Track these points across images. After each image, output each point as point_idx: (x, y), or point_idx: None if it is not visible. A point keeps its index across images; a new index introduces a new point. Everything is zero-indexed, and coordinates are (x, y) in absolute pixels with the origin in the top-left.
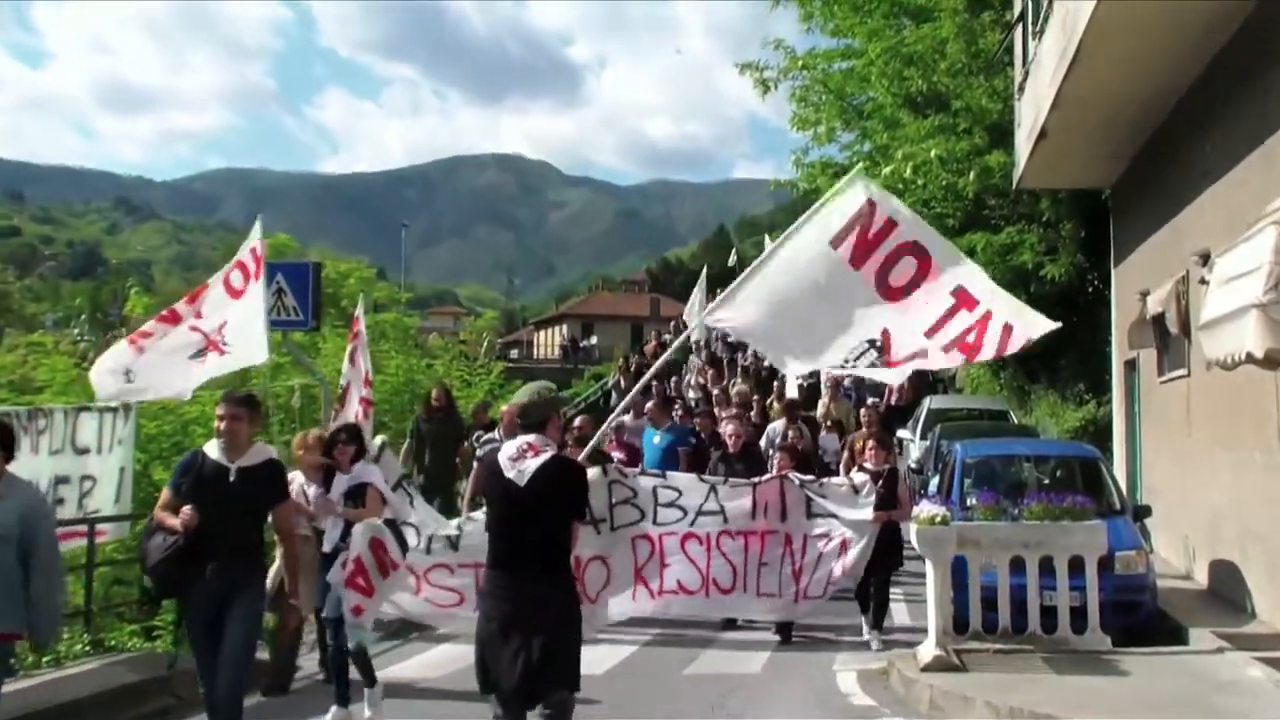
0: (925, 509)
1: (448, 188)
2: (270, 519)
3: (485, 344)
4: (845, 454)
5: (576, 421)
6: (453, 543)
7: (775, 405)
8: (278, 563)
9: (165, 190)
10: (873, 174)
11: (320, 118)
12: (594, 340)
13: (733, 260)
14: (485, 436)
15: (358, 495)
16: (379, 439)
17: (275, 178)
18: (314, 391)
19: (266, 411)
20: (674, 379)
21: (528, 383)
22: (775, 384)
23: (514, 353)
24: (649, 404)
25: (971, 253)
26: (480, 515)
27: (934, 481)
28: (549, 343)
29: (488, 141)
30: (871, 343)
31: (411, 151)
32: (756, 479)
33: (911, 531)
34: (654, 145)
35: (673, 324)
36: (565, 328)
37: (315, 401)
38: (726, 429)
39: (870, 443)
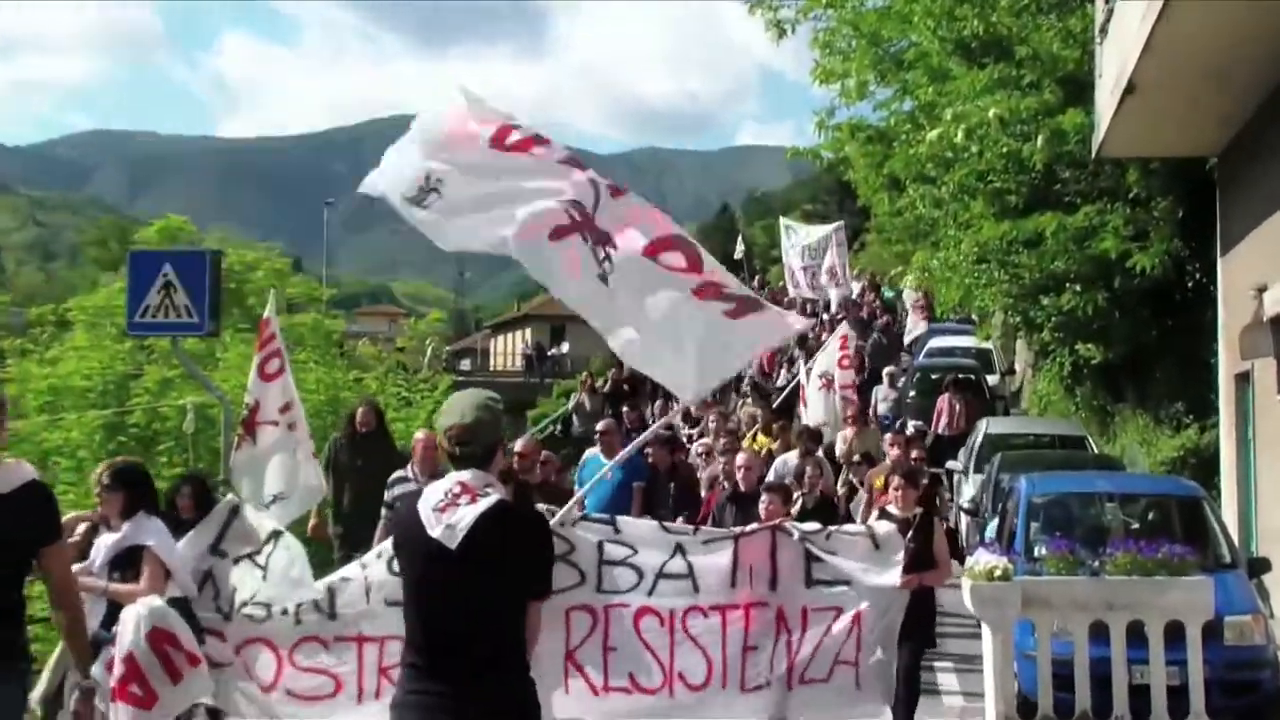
0: (982, 560)
1: (381, 155)
2: (42, 570)
3: (429, 352)
4: (864, 495)
5: (517, 445)
6: (328, 606)
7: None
8: (57, 651)
9: (17, 158)
10: (915, 139)
11: (220, 68)
12: (565, 348)
13: (739, 252)
14: (396, 476)
15: (126, 563)
16: (228, 499)
17: (162, 143)
18: (212, 413)
19: (150, 439)
20: (658, 402)
21: (458, 392)
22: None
23: (465, 363)
24: (601, 423)
25: (1040, 238)
26: (375, 561)
27: (992, 525)
28: (509, 351)
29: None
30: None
31: (336, 111)
32: (739, 529)
33: (965, 589)
34: (641, 104)
35: None
36: (529, 332)
37: (214, 425)
38: (737, 461)
39: (895, 479)
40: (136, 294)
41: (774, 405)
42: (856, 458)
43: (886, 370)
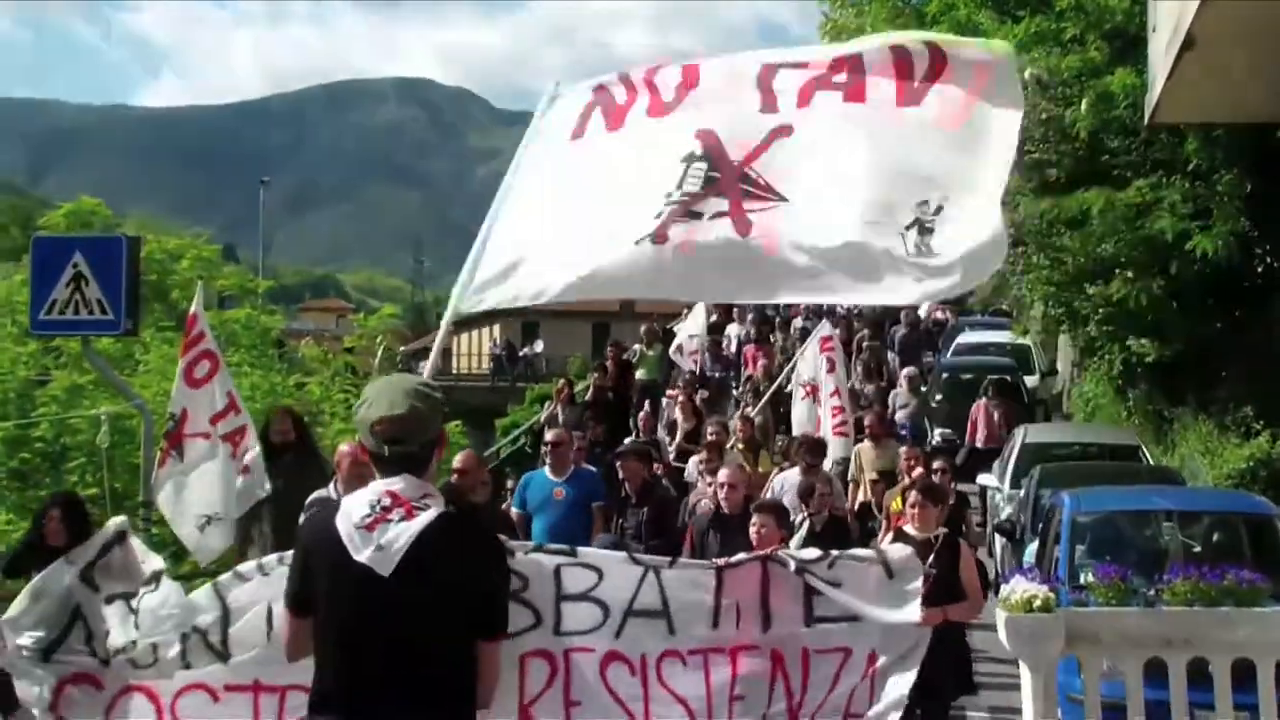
0: (1019, 588)
1: (327, 129)
2: None
3: (382, 353)
4: (882, 517)
5: (456, 461)
6: (219, 637)
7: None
8: None
9: None
10: None
11: (139, 27)
12: (539, 347)
13: None
14: (315, 497)
15: None
16: (115, 520)
17: (70, 113)
18: (130, 424)
19: (58, 455)
20: (646, 404)
21: (383, 379)
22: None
23: (424, 365)
24: (549, 432)
25: (1085, 217)
26: (276, 569)
27: (1031, 548)
28: (475, 350)
29: (385, 63)
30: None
31: (274, 77)
32: (722, 560)
33: (999, 622)
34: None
35: (644, 328)
36: (498, 329)
37: (132, 438)
38: (719, 477)
39: (913, 495)
40: (42, 287)
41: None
42: (873, 475)
43: (905, 373)
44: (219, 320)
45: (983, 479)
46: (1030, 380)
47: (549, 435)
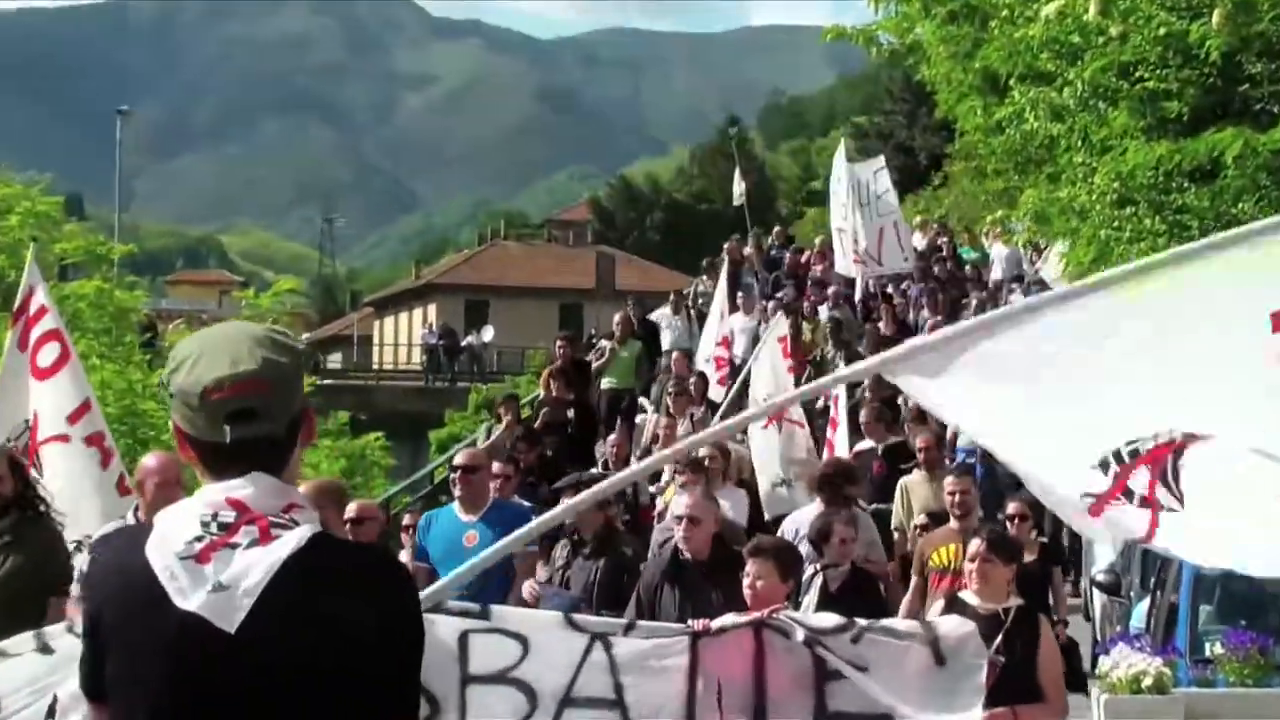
0: (1124, 661)
1: (204, 41)
2: None
3: None
4: (915, 573)
5: (350, 510)
6: None
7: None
8: None
9: None
10: (1023, 16)
11: None
12: (487, 335)
13: (739, 193)
14: (104, 532)
15: None
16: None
17: None
18: None
19: None
20: (625, 407)
21: (215, 327)
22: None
23: (336, 357)
24: (460, 454)
25: (1216, 166)
26: (64, 638)
27: (1140, 608)
28: (403, 338)
29: None
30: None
31: None
32: (698, 624)
33: (1095, 705)
34: None
35: (618, 316)
36: (434, 311)
37: None
38: (678, 507)
39: (975, 546)
40: None
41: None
42: (922, 519)
43: None
44: (59, 295)
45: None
46: None
47: (460, 458)
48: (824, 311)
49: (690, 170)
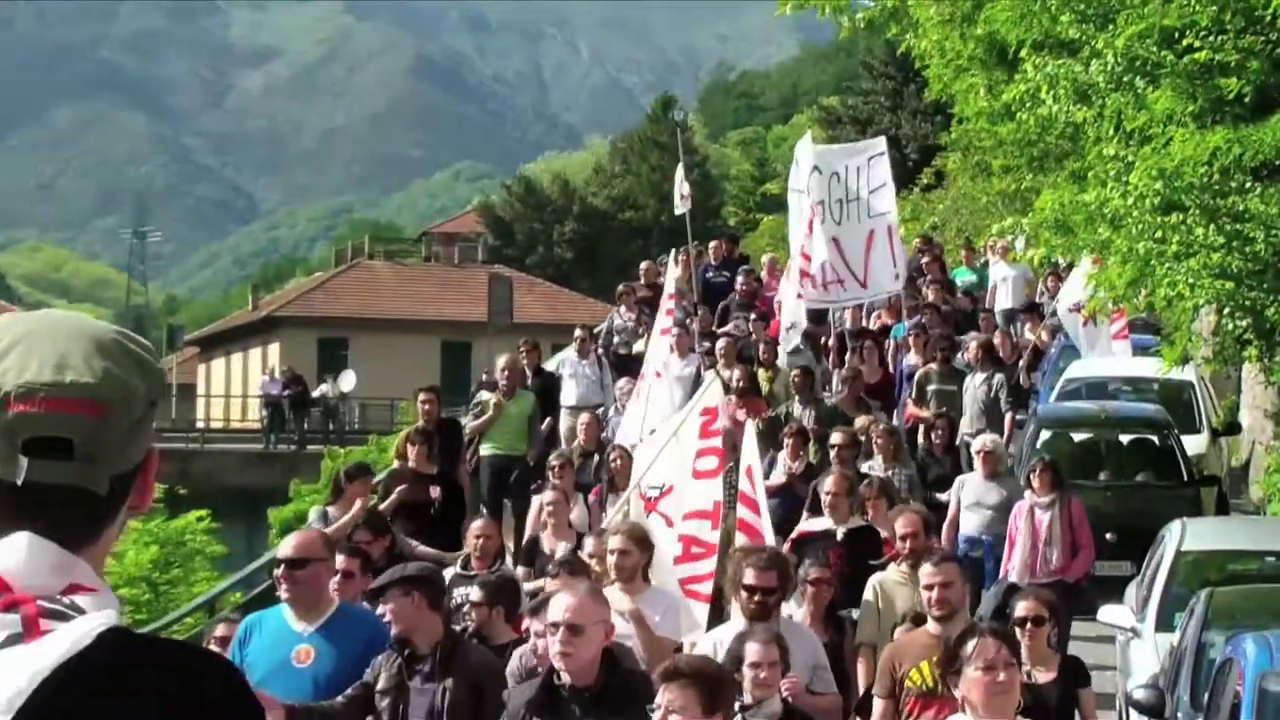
0: None
1: None
2: None
3: None
4: (880, 701)
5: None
6: None
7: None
8: None
9: None
10: None
11: None
12: (346, 383)
13: (681, 199)
14: None
15: None
16: None
17: None
18: None
19: None
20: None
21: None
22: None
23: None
24: (291, 541)
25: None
26: None
27: None
28: (236, 387)
29: None
30: None
31: None
32: None
33: None
34: None
35: (503, 364)
36: (277, 351)
37: None
38: (554, 612)
39: (973, 670)
40: None
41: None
42: (904, 624)
43: (981, 443)
44: None
45: (1107, 615)
46: (1192, 443)
47: (284, 545)
48: (784, 354)
49: (611, 168)
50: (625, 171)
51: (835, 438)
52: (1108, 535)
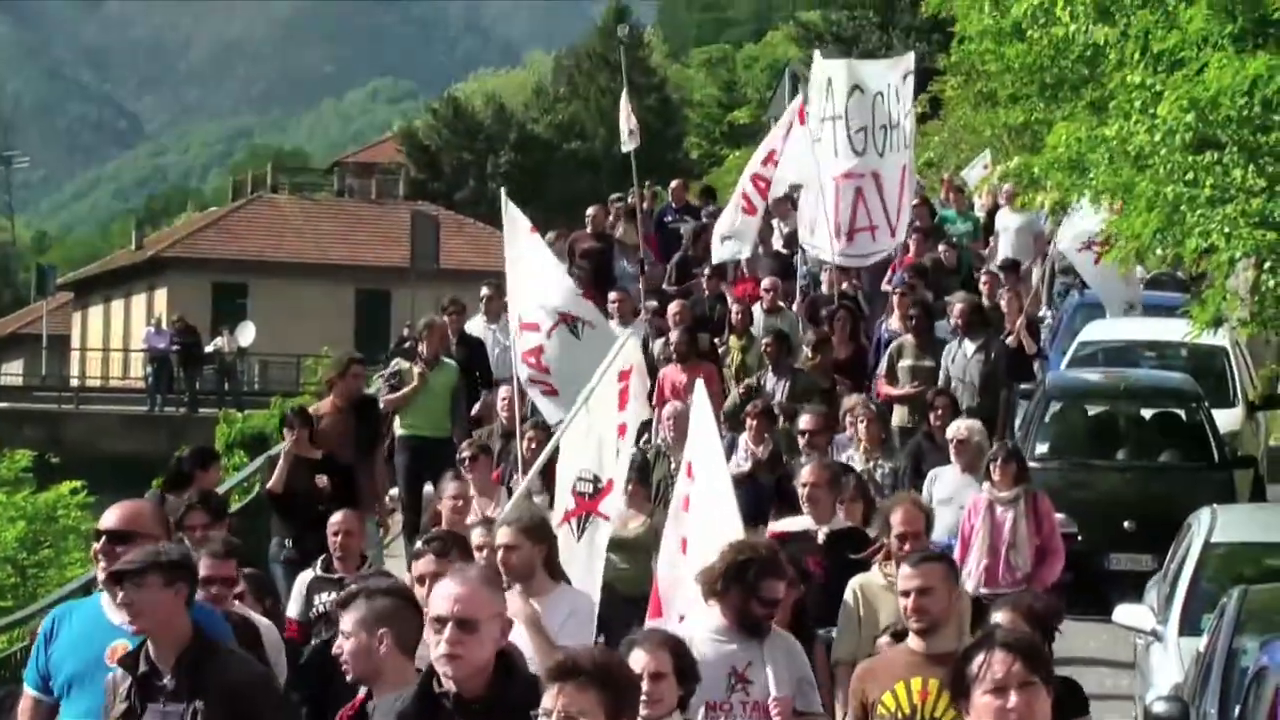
0: None
1: None
2: None
3: None
4: (853, 700)
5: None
6: None
7: None
8: None
9: None
10: None
11: None
12: (245, 336)
13: (628, 130)
14: None
15: None
16: None
17: None
18: None
19: None
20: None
21: None
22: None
23: (14, 366)
24: (102, 524)
25: None
26: None
27: None
28: (117, 339)
29: None
30: None
31: None
32: None
33: None
34: None
35: (423, 325)
36: (164, 297)
37: None
38: (442, 596)
39: (1007, 666)
40: None
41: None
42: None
43: (958, 429)
44: None
45: (1124, 615)
46: (1225, 418)
47: (105, 516)
48: (761, 317)
49: (554, 90)
50: (571, 94)
51: (805, 421)
52: (1125, 524)
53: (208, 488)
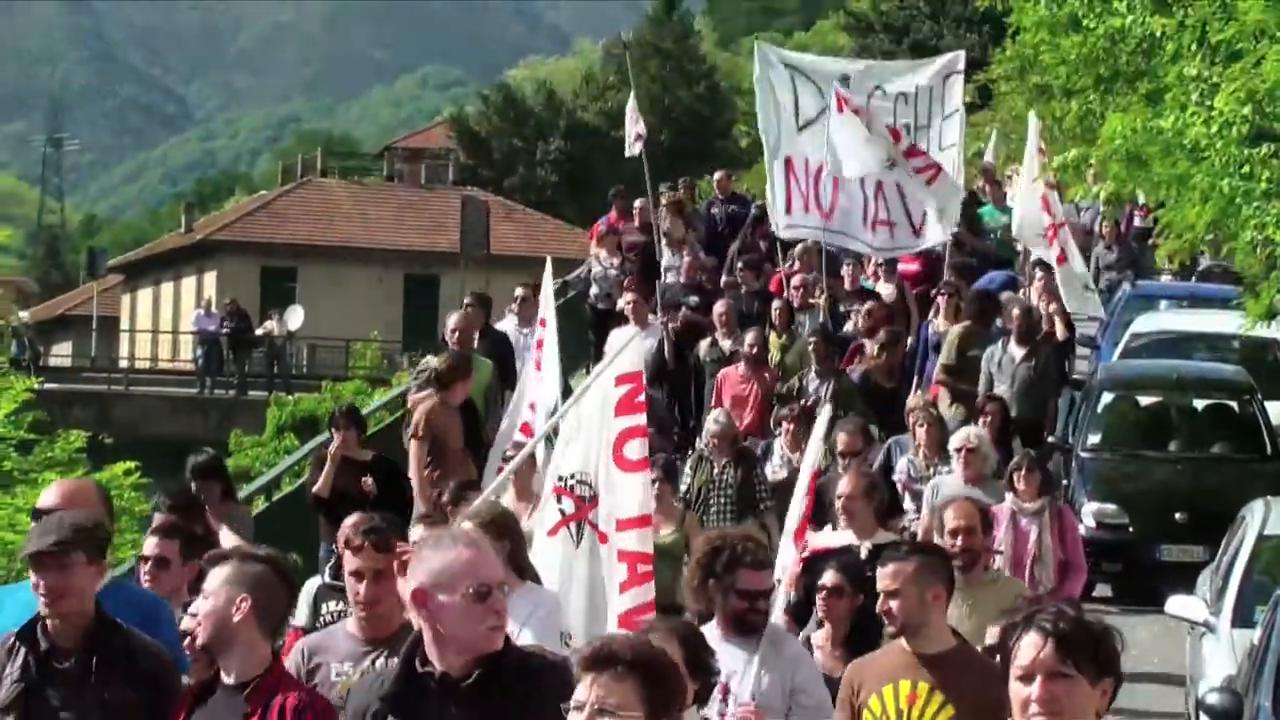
0: None
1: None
2: None
3: None
4: (843, 706)
5: None
6: None
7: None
8: None
9: None
10: None
11: None
12: (294, 320)
13: (634, 134)
14: None
15: None
16: None
17: None
18: None
19: None
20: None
21: None
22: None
23: (64, 348)
24: (41, 501)
25: None
26: None
27: None
28: (167, 321)
29: None
30: None
31: None
32: None
33: None
34: None
35: (453, 322)
36: (214, 281)
37: None
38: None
39: (1039, 649)
40: None
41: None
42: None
43: (958, 436)
44: None
45: (1177, 606)
46: (1278, 410)
47: (45, 493)
48: (807, 320)
49: (603, 77)
50: (620, 82)
51: (840, 440)
52: (1177, 515)
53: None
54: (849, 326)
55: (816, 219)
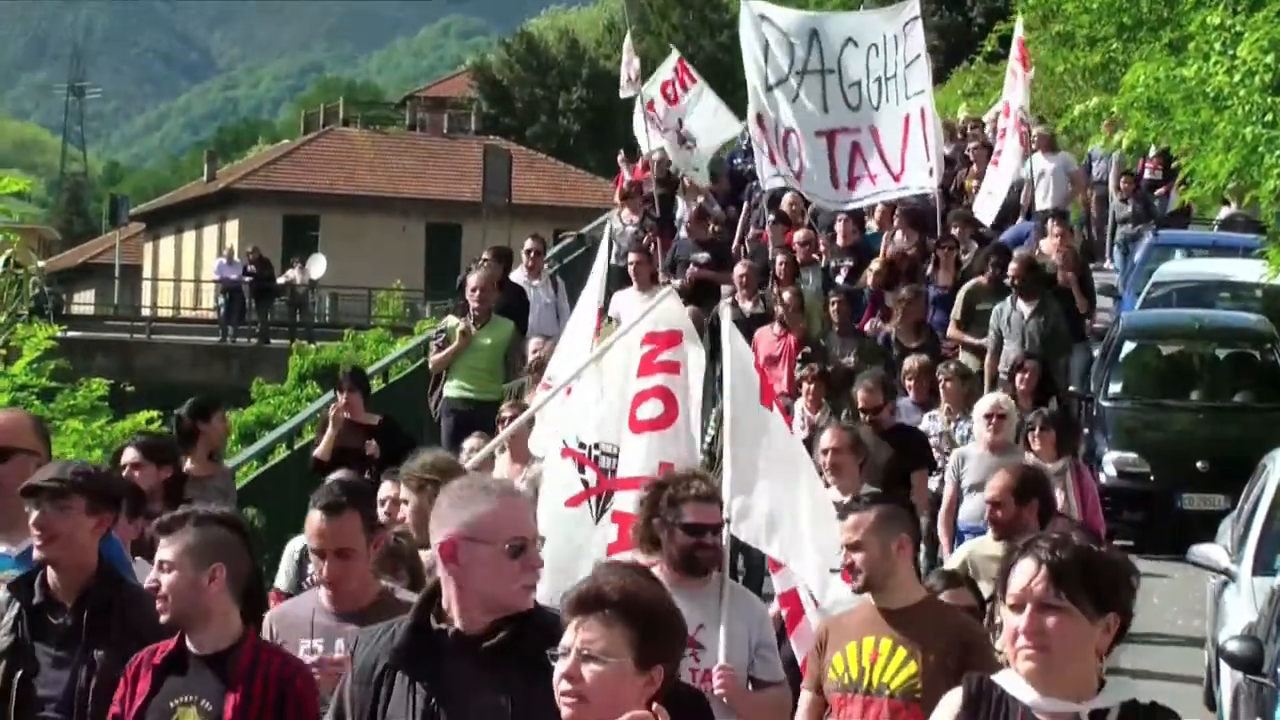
0: None
1: None
2: None
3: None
4: (807, 693)
5: None
6: None
7: None
8: None
9: None
10: None
11: None
12: (316, 269)
13: (629, 75)
14: None
15: None
16: None
17: None
18: None
19: None
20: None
21: None
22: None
23: (87, 295)
24: None
25: None
26: None
27: None
28: (189, 270)
29: None
30: None
31: None
32: None
33: None
34: None
35: (474, 281)
36: (236, 229)
37: None
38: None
39: (1031, 576)
40: None
41: None
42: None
43: (984, 402)
44: None
45: (1199, 554)
46: None
47: None
48: (810, 276)
49: (626, 25)
50: (644, 31)
51: (860, 395)
52: (1198, 464)
53: (214, 441)
54: (840, 280)
55: (791, 177)
